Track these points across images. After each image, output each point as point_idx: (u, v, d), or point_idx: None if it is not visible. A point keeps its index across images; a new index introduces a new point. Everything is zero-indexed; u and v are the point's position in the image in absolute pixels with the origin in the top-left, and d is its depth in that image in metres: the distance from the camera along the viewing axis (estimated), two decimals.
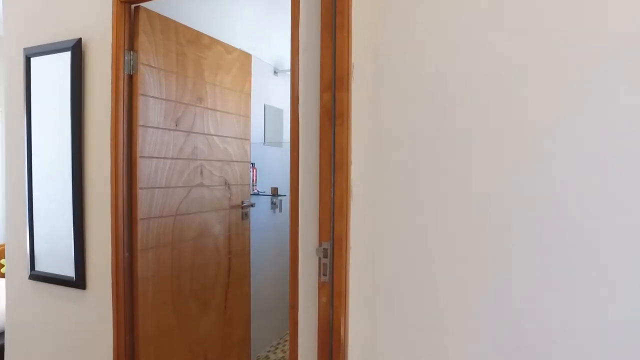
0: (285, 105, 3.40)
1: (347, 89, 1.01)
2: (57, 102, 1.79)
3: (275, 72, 3.21)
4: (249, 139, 2.55)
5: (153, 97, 1.84)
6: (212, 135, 2.22)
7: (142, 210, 1.79)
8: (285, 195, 2.95)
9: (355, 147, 1.04)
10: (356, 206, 1.04)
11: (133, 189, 1.77)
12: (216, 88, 2.25)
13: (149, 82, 1.82)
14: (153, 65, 1.84)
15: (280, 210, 3.26)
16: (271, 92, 3.16)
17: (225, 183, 2.33)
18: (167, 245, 1.94)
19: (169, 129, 1.93)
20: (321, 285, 1.05)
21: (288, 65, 3.58)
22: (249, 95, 2.53)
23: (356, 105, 1.06)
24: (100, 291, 1.76)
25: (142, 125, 1.78)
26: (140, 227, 1.79)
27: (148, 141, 1.82)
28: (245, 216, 2.53)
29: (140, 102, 1.77)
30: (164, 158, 1.91)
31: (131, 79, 1.76)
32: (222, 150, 2.30)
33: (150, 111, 1.82)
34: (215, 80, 2.23)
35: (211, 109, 2.21)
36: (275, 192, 2.79)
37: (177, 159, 1.98)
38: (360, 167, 1.07)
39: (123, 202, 1.73)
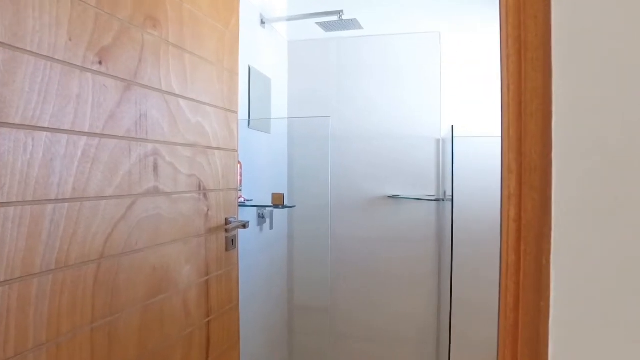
0: (275, 74, 2.38)
1: None
2: None
3: (262, 22, 2.17)
4: (236, 112, 1.50)
5: None
6: (175, 95, 1.16)
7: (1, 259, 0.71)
8: (293, 207, 1.91)
9: None
10: None
11: None
12: (184, 7, 1.19)
13: None
14: None
15: (271, 227, 2.23)
16: (256, 52, 2.13)
17: (200, 187, 1.28)
18: (80, 329, 0.86)
19: (83, 68, 0.86)
20: None
21: (281, 12, 2.55)
22: (236, 36, 1.49)
23: None
24: None
25: (4, 45, 0.70)
26: None
27: (22, 87, 0.73)
28: (232, 244, 1.48)
29: None
30: (70, 132, 0.83)
31: None
32: (194, 127, 1.25)
33: (27, 13, 0.74)
34: None
35: (175, 45, 1.15)
36: (279, 202, 1.75)
37: (102, 136, 0.91)
38: None
39: None
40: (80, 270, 0.86)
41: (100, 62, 0.90)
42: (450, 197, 1.81)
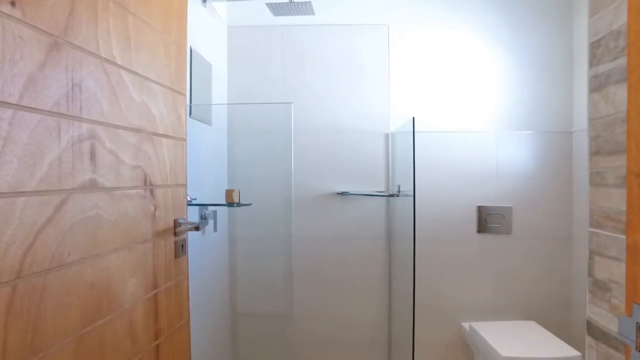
0: (216, 59, 2.14)
1: None
2: None
3: (203, 0, 1.93)
4: (184, 94, 1.27)
5: None
6: (117, 65, 0.91)
7: None
8: (250, 204, 1.70)
9: None
10: None
11: None
12: None
13: None
14: None
15: (215, 230, 1.99)
16: (197, 33, 1.88)
17: (146, 182, 1.04)
18: None
19: None
20: None
21: None
22: (184, 4, 1.26)
23: None
24: None
25: None
26: None
27: None
28: (181, 250, 1.25)
29: None
30: None
31: None
32: (139, 107, 1.01)
33: None
34: None
35: (115, 2, 0.91)
36: (231, 200, 1.53)
37: (19, 107, 0.65)
38: None
39: None
40: None
41: (12, 3, 0.64)
42: (412, 193, 1.75)
